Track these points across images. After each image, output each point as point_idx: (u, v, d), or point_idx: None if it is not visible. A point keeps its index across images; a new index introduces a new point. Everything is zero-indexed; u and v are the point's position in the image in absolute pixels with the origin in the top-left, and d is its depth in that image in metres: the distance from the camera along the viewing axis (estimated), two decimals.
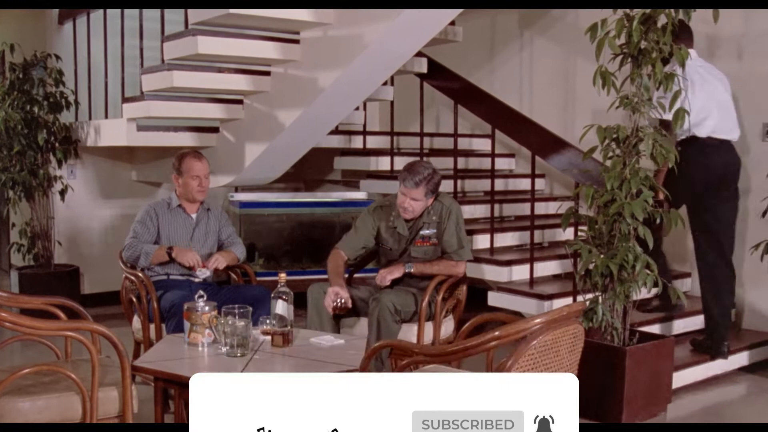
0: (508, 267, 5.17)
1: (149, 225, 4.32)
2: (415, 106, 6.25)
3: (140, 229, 4.30)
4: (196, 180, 4.34)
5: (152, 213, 4.35)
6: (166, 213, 4.35)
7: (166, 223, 4.34)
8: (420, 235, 4.20)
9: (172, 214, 4.37)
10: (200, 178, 4.35)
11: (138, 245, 4.24)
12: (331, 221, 6.41)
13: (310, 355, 3.39)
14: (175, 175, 4.37)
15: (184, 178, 4.34)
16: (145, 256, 4.21)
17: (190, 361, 3.35)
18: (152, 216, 4.34)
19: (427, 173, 4.08)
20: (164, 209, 4.36)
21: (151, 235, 4.32)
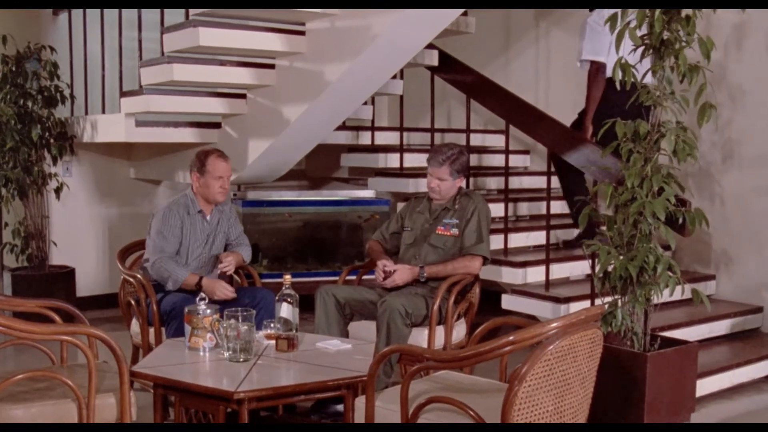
0: (523, 269, 5.17)
1: (171, 238, 4.21)
2: (426, 100, 6.24)
3: (163, 243, 4.20)
4: (220, 181, 4.30)
5: (174, 220, 4.24)
6: (186, 219, 4.29)
7: (186, 230, 4.29)
8: (442, 222, 4.28)
9: (192, 221, 4.31)
10: (224, 179, 4.31)
11: (167, 267, 4.13)
12: (337, 221, 6.42)
13: (315, 360, 3.40)
14: (195, 174, 4.32)
15: (205, 177, 4.29)
16: (174, 283, 4.14)
17: (191, 367, 3.36)
18: (174, 221, 4.24)
19: (451, 153, 4.27)
20: (183, 215, 4.29)
21: (176, 243, 4.25)
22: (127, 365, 2.96)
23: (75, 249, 6.57)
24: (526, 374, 2.55)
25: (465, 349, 2.80)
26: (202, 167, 4.31)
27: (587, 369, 2.76)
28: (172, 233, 4.23)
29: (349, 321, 4.25)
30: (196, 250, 4.29)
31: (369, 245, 4.56)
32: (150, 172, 6.64)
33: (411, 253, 4.34)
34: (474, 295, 4.30)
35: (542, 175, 5.90)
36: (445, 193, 4.32)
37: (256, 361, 3.33)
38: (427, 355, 2.90)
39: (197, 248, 4.30)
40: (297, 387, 3.13)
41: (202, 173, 4.30)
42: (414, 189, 5.86)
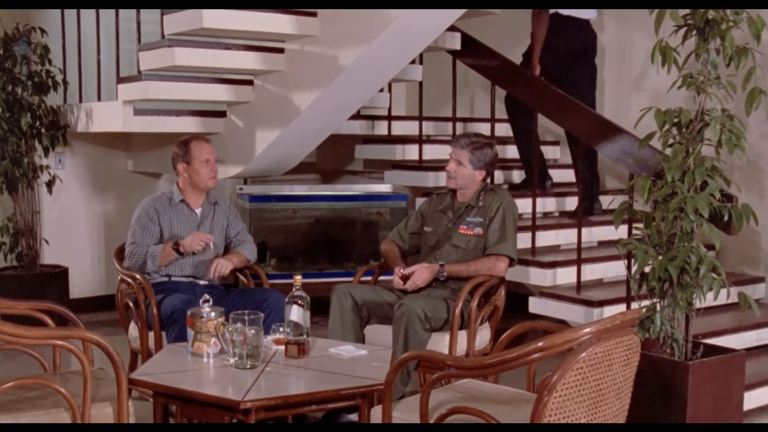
0: (552, 269, 5.16)
1: (150, 226, 4.34)
2: (447, 87, 6.23)
3: (140, 232, 4.33)
4: (207, 165, 4.37)
5: (151, 211, 4.36)
6: (167, 210, 4.38)
7: (168, 221, 4.36)
8: (466, 221, 4.28)
9: (175, 211, 4.39)
10: (211, 161, 4.38)
11: (140, 250, 4.26)
12: (351, 217, 6.42)
13: (328, 367, 3.40)
14: (181, 165, 4.38)
15: (193, 165, 4.35)
16: (152, 259, 4.24)
17: (193, 374, 3.37)
18: (152, 215, 4.36)
19: (476, 140, 4.31)
20: (165, 205, 4.39)
21: (153, 237, 4.34)
22: (125, 372, 2.97)
23: (68, 247, 6.60)
24: (557, 384, 2.55)
25: (490, 355, 2.80)
26: (186, 155, 4.36)
27: (623, 378, 2.75)
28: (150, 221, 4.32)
29: (366, 324, 4.26)
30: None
31: (384, 247, 4.57)
32: (149, 164, 6.67)
33: (433, 256, 4.34)
34: (499, 297, 4.30)
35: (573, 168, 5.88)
36: (462, 181, 4.31)
37: (264, 368, 3.34)
38: (448, 362, 2.90)
39: None
40: (308, 396, 3.13)
41: (188, 161, 4.35)
42: (434, 183, 5.86)
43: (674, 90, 3.86)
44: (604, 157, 5.31)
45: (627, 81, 6.28)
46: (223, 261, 4.30)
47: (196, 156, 4.34)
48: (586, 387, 2.61)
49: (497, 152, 4.40)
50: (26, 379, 3.05)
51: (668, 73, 3.82)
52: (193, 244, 4.23)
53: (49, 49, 6.11)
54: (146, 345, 4.10)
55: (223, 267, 4.28)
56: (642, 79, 6.10)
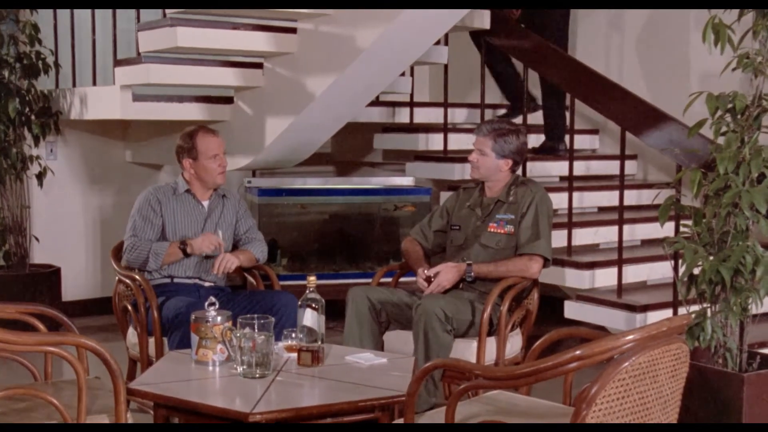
0: (590, 271, 5.15)
1: (152, 217, 4.35)
2: (475, 70, 6.22)
3: (141, 223, 4.33)
4: (216, 160, 4.36)
5: (154, 201, 4.37)
6: (171, 200, 4.39)
7: (172, 213, 4.37)
8: (495, 218, 4.28)
9: (179, 202, 4.40)
10: (219, 155, 4.38)
11: (142, 245, 4.27)
12: (370, 213, 6.42)
13: (345, 376, 3.40)
14: (187, 161, 4.38)
15: (200, 161, 4.35)
16: (155, 257, 4.24)
17: (198, 384, 3.38)
18: (154, 205, 4.37)
19: (499, 126, 4.30)
20: (168, 195, 4.40)
21: (155, 230, 4.35)
22: (123, 381, 2.98)
23: (61, 245, 6.63)
24: (596, 396, 2.53)
25: (522, 365, 2.79)
26: (192, 149, 4.36)
27: (670, 391, 2.73)
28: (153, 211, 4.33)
29: (385, 329, 4.26)
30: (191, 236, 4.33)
31: (405, 246, 4.56)
32: (149, 155, 6.69)
33: (460, 257, 4.33)
34: (532, 301, 4.28)
35: (614, 159, 5.85)
36: (485, 171, 4.31)
37: (274, 377, 3.34)
38: (476, 372, 2.89)
39: (193, 235, 4.34)
40: (323, 408, 3.13)
41: (195, 156, 4.35)
42: (460, 176, 5.85)
43: (728, 72, 3.83)
44: (648, 146, 5.28)
45: (674, 63, 6.24)
46: (229, 256, 4.30)
47: (203, 151, 4.34)
48: (628, 400, 2.59)
49: (525, 140, 4.37)
50: (15, 390, 3.06)
51: (722, 53, 3.79)
52: (203, 246, 4.24)
53: (39, 29, 6.13)
54: (146, 352, 4.11)
55: (228, 262, 4.28)
56: (691, 60, 6.06)
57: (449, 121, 6.39)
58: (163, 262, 4.26)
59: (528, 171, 5.73)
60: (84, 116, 6.11)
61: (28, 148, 6.16)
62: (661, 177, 6.25)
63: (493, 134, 4.27)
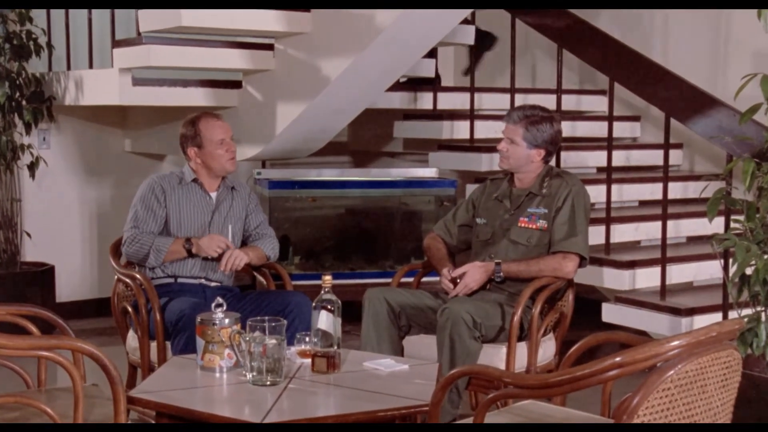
0: (631, 270, 5.14)
1: (155, 207, 4.36)
2: (504, 51, 6.21)
3: (143, 213, 4.34)
4: (223, 145, 4.37)
5: (158, 190, 4.38)
6: (176, 189, 4.40)
7: (177, 204, 4.38)
8: (527, 212, 4.27)
9: (185, 191, 4.41)
10: (226, 141, 4.39)
11: (144, 238, 4.27)
12: (389, 207, 6.42)
13: (362, 384, 3.40)
14: (192, 150, 4.39)
15: (206, 148, 4.36)
16: (156, 253, 4.26)
17: (204, 392, 3.38)
18: (158, 194, 4.38)
19: (532, 113, 4.28)
20: (174, 185, 4.41)
21: (158, 221, 4.36)
22: (123, 389, 2.99)
23: (54, 242, 6.66)
24: (638, 408, 2.52)
25: (556, 372, 2.78)
26: (196, 137, 4.37)
27: (720, 403, 2.72)
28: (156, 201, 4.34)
29: (405, 334, 4.26)
30: (195, 231, 4.34)
31: (427, 242, 4.56)
32: (150, 144, 6.71)
33: (487, 253, 4.33)
34: (566, 303, 4.28)
35: (657, 148, 5.83)
36: (515, 162, 4.30)
37: (287, 384, 3.34)
38: (506, 380, 2.89)
39: (197, 229, 4.35)
40: (339, 418, 3.13)
41: (200, 144, 4.37)
42: (488, 167, 5.84)
43: None
44: (695, 134, 5.25)
45: (725, 42, 6.21)
46: (238, 252, 4.30)
47: (208, 137, 4.35)
48: (674, 412, 2.58)
49: (560, 129, 4.35)
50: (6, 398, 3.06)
51: None
52: (209, 248, 4.24)
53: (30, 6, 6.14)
54: (147, 357, 4.12)
55: (237, 259, 4.29)
56: (743, 39, 6.03)
57: (476, 107, 6.38)
58: (164, 259, 4.27)
59: (562, 161, 5.71)
60: (79, 102, 6.13)
61: (18, 136, 6.17)
62: (709, 168, 6.23)
63: (524, 122, 4.26)
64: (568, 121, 6.23)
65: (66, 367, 2.94)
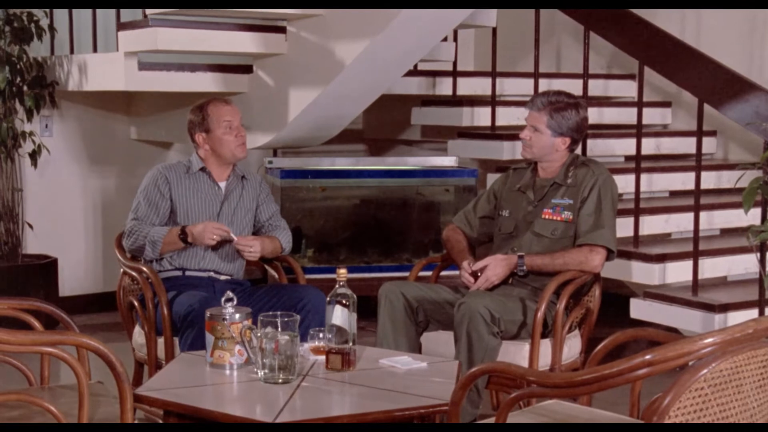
0: (661, 264, 5.13)
1: (157, 200, 4.37)
2: (528, 34, 6.19)
3: (145, 207, 4.36)
4: (233, 130, 4.38)
5: (161, 181, 4.39)
6: (182, 180, 4.41)
7: (184, 194, 4.38)
8: (551, 203, 4.26)
9: (193, 181, 4.42)
10: (236, 126, 4.39)
11: (141, 230, 4.29)
12: (406, 197, 6.42)
13: (379, 383, 3.40)
14: (200, 136, 4.40)
15: (214, 133, 4.37)
16: (152, 245, 4.26)
17: (213, 390, 3.39)
18: (161, 185, 4.38)
19: (556, 99, 4.27)
20: (180, 174, 4.42)
21: (160, 214, 4.36)
22: (129, 386, 3.00)
23: (57, 233, 6.68)
24: (669, 408, 2.51)
25: (582, 371, 2.77)
26: (203, 121, 4.39)
27: (757, 404, 2.71)
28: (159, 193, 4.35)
29: (423, 330, 4.27)
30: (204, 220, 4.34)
31: (446, 234, 4.56)
32: (157, 131, 6.72)
33: (509, 247, 4.32)
34: (592, 299, 4.28)
35: (689, 135, 5.81)
36: (539, 151, 4.30)
37: (300, 382, 3.35)
38: (530, 378, 2.88)
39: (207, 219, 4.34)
40: (354, 418, 3.13)
41: (207, 129, 4.38)
42: (510, 156, 5.84)
43: None
44: (730, 120, 5.23)
45: (762, 23, 6.18)
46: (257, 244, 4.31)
47: (216, 120, 4.36)
48: (708, 413, 2.57)
49: (586, 115, 4.34)
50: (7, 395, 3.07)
51: None
52: (204, 236, 4.21)
53: None
54: (155, 354, 4.14)
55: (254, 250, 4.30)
56: None
57: (498, 93, 6.37)
58: (161, 251, 4.27)
59: (588, 150, 5.71)
60: (83, 87, 6.14)
61: (20, 123, 6.18)
62: (744, 156, 6.21)
63: (548, 108, 4.25)
64: (594, 108, 6.24)
65: (70, 364, 2.95)
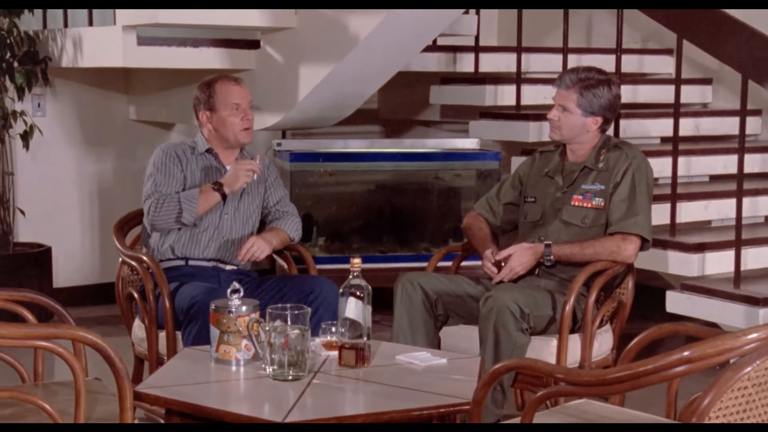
0: (700, 254, 5.13)
1: (174, 171, 4.37)
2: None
3: (162, 179, 4.35)
4: (239, 112, 4.38)
5: (172, 156, 4.41)
6: (191, 160, 4.43)
7: (191, 175, 4.40)
8: (581, 189, 4.25)
9: (199, 163, 4.44)
10: (242, 107, 4.39)
11: (169, 198, 4.26)
12: (424, 182, 6.42)
13: (396, 380, 3.41)
14: (204, 114, 4.41)
15: (219, 113, 4.38)
16: (188, 204, 4.24)
17: (218, 387, 3.41)
18: (173, 158, 4.40)
19: (587, 75, 4.24)
20: (187, 154, 4.44)
21: (178, 183, 4.36)
22: (129, 383, 3.01)
23: (51, 220, 6.70)
24: (709, 409, 2.51)
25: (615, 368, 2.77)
26: (209, 99, 4.40)
27: None
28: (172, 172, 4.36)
29: (443, 325, 4.27)
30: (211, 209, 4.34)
31: (467, 222, 4.56)
32: (157, 111, 6.73)
33: (536, 236, 4.32)
34: (625, 291, 4.27)
35: (731, 115, 5.80)
36: (568, 132, 4.28)
37: (311, 379, 3.35)
38: (558, 376, 2.88)
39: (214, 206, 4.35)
40: (369, 418, 3.14)
41: (211, 107, 4.39)
42: (536, 137, 5.83)
43: None
44: None
45: None
46: (261, 242, 4.32)
47: (222, 100, 4.36)
48: (751, 414, 2.57)
49: (619, 93, 4.33)
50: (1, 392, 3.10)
51: None
52: (238, 177, 4.26)
53: None
54: (156, 349, 4.15)
55: (258, 250, 4.31)
56: None
57: (523, 70, 6.37)
58: (198, 210, 4.26)
59: (621, 131, 5.69)
60: (78, 63, 6.14)
61: (10, 102, 6.19)
62: None
63: (578, 86, 4.23)
64: (628, 85, 6.22)
65: (66, 359, 2.95)
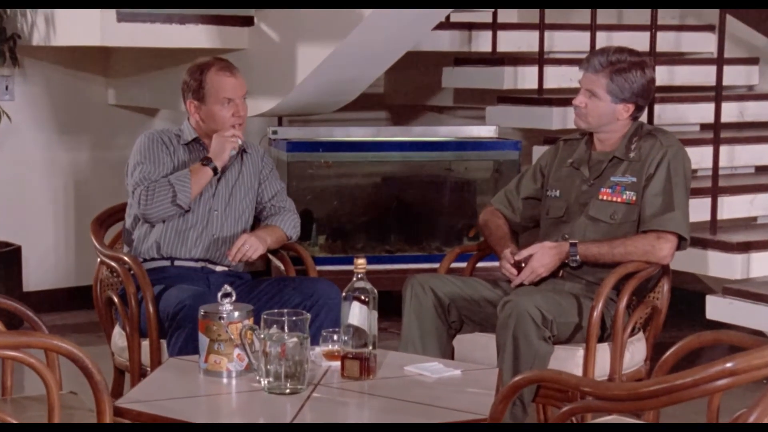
0: (744, 254, 5.14)
1: (162, 157, 4.37)
2: None
3: (151, 167, 4.34)
4: (230, 107, 4.37)
5: (158, 141, 4.41)
6: (177, 149, 4.43)
7: (179, 166, 4.39)
8: (610, 182, 4.24)
9: (186, 152, 4.44)
10: (235, 102, 4.38)
11: (160, 183, 4.26)
12: (436, 174, 6.43)
13: (404, 394, 3.41)
14: (192, 102, 4.41)
15: (207, 105, 4.37)
16: (181, 184, 4.24)
17: (208, 401, 3.41)
18: (159, 144, 4.40)
19: (617, 57, 4.21)
20: (174, 142, 4.44)
21: (168, 171, 4.35)
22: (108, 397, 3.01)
23: (21, 216, 6.71)
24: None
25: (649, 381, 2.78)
26: (199, 89, 4.38)
27: None
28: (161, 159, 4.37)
29: (456, 332, 4.27)
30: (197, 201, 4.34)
31: (483, 218, 4.56)
32: (140, 95, 6.73)
33: (560, 233, 4.32)
34: (660, 296, 4.28)
35: None
36: (596, 120, 4.27)
37: (310, 393, 3.36)
38: (585, 389, 2.88)
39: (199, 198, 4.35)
40: None
41: (200, 98, 4.38)
42: (560, 125, 5.84)
43: None
44: None
45: None
46: (253, 240, 4.32)
47: (213, 93, 4.34)
48: None
49: (654, 77, 4.31)
50: None
51: None
52: (225, 149, 4.28)
53: None
54: (138, 359, 4.16)
55: (251, 249, 4.31)
56: None
57: (546, 50, 6.38)
58: (193, 190, 4.26)
59: (656, 117, 5.69)
60: (51, 42, 6.14)
61: None
62: None
63: (608, 69, 4.21)
64: (664, 66, 6.23)
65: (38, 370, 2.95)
